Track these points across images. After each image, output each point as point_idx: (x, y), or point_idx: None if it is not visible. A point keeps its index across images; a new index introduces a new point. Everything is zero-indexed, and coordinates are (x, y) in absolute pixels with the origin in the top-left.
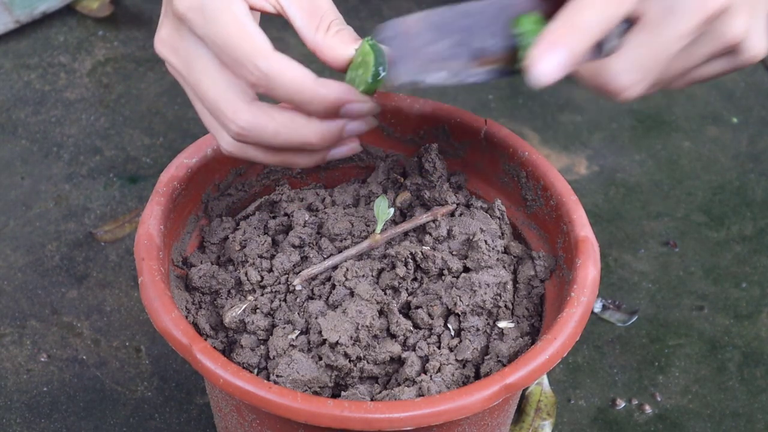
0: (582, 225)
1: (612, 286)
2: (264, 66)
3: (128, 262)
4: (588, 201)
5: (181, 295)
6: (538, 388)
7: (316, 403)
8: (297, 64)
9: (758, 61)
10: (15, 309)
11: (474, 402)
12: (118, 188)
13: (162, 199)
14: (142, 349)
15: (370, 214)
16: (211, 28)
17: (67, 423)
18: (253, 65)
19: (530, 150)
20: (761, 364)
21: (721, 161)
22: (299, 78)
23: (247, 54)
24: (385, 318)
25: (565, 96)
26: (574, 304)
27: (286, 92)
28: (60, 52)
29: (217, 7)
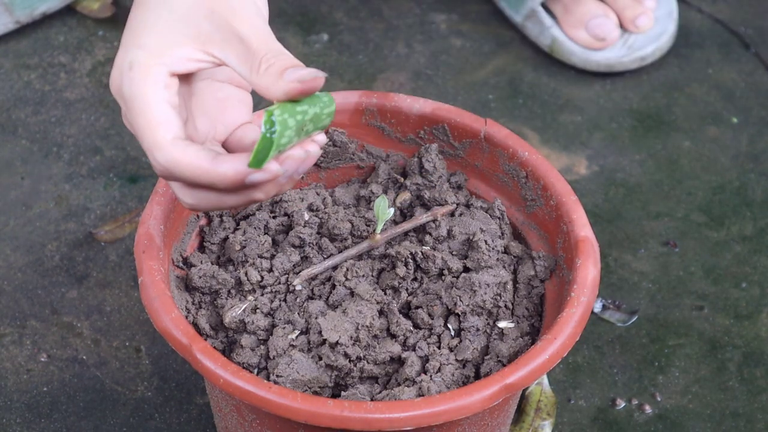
0: (582, 225)
1: (612, 286)
2: (161, 158)
3: (128, 262)
4: (588, 201)
5: (181, 295)
6: (538, 388)
7: (316, 403)
8: (194, 150)
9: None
10: (15, 309)
11: (474, 402)
12: (118, 188)
13: (162, 199)
14: (142, 349)
15: (370, 214)
16: (127, 113)
17: (67, 423)
18: (153, 157)
19: (530, 150)
20: (761, 364)
21: (721, 161)
22: (195, 164)
23: (149, 146)
24: (385, 318)
25: (565, 96)
26: (574, 304)
27: (189, 179)
28: (60, 52)
29: (132, 94)
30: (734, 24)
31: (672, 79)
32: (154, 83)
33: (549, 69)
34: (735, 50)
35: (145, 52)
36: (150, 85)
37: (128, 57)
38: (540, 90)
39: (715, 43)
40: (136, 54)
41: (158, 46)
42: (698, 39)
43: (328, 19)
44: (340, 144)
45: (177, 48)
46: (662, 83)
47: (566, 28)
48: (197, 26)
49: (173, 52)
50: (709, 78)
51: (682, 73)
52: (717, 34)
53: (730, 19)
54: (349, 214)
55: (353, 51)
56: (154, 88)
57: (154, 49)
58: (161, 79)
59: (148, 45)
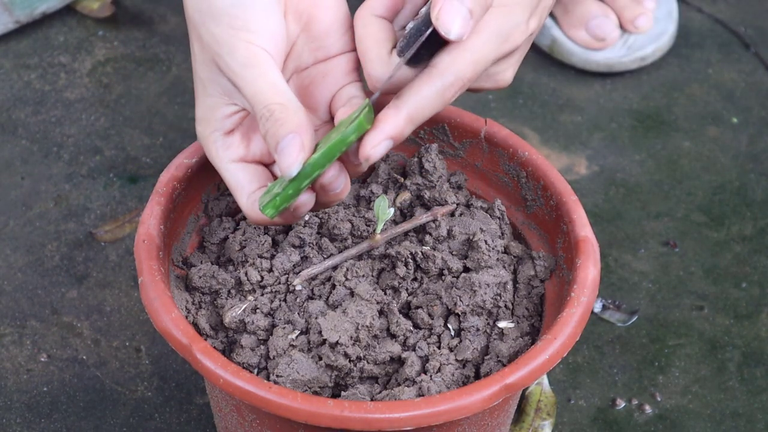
0: (582, 225)
1: (612, 286)
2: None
3: (128, 262)
4: (588, 201)
5: (181, 295)
6: (538, 388)
7: (316, 403)
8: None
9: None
10: (15, 309)
11: (474, 402)
12: (118, 188)
13: (162, 199)
14: (142, 349)
15: (370, 214)
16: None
17: (67, 423)
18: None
19: (530, 150)
20: (761, 364)
21: (721, 161)
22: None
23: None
24: (385, 318)
25: (565, 96)
26: (574, 304)
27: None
28: (60, 52)
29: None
30: (734, 24)
31: (672, 79)
32: (216, 153)
33: (549, 69)
34: (735, 50)
35: (201, 126)
36: (214, 156)
37: (198, 135)
38: (540, 90)
39: (715, 43)
40: (199, 131)
41: (204, 116)
42: (698, 39)
43: None
44: None
45: (215, 110)
46: (662, 83)
47: (566, 28)
48: (218, 84)
49: (215, 115)
50: (709, 78)
51: (682, 73)
52: (717, 34)
53: (730, 19)
54: (349, 214)
55: None
56: (219, 159)
57: (203, 121)
58: (219, 146)
59: (199, 117)
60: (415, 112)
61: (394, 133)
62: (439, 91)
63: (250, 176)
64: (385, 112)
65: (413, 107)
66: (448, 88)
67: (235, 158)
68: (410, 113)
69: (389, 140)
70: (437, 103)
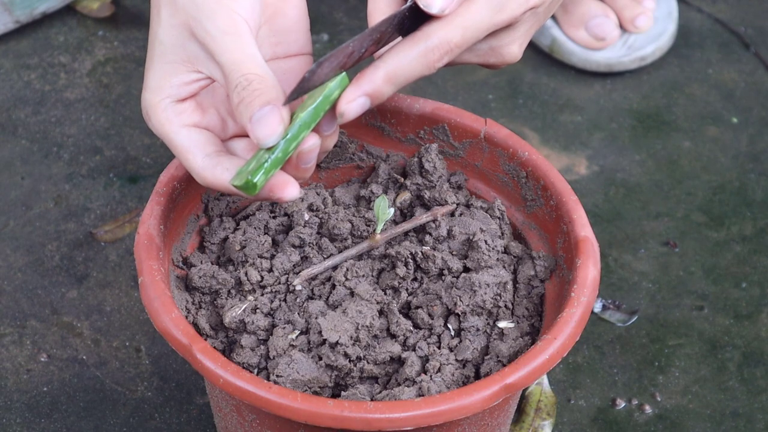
0: (582, 225)
1: (612, 286)
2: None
3: (128, 262)
4: (588, 201)
5: (181, 295)
6: (538, 388)
7: (316, 403)
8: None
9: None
10: (15, 309)
11: (474, 402)
12: (118, 188)
13: (162, 199)
14: (142, 349)
15: (370, 214)
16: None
17: (67, 423)
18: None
19: (530, 150)
20: (761, 364)
21: (721, 161)
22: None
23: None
24: (385, 318)
25: (565, 96)
26: (574, 304)
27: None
28: (60, 52)
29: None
30: (734, 24)
31: (672, 79)
32: (168, 118)
33: (549, 69)
34: (735, 50)
35: (150, 93)
36: (165, 121)
37: (144, 102)
38: (540, 90)
39: (715, 43)
40: (145, 97)
41: (157, 83)
42: (698, 39)
43: (328, 19)
44: (340, 144)
45: (172, 77)
46: (662, 83)
47: (566, 28)
48: (184, 49)
49: (170, 81)
50: (709, 78)
51: (682, 73)
52: (717, 34)
53: (730, 19)
54: (349, 214)
55: None
56: (169, 123)
57: (155, 87)
58: (171, 110)
59: (150, 85)
60: (395, 71)
61: (371, 90)
62: (422, 52)
63: (205, 138)
64: (364, 70)
65: (392, 66)
66: (432, 51)
67: (188, 123)
68: (389, 72)
69: (365, 97)
70: (419, 66)
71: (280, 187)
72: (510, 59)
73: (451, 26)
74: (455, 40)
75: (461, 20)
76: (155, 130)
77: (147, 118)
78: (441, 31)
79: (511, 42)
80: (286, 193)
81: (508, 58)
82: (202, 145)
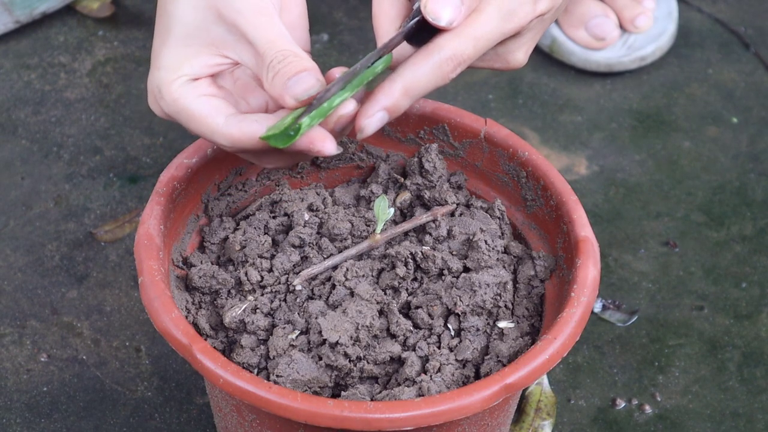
0: (582, 225)
1: (612, 286)
2: (224, 141)
3: (128, 262)
4: (588, 201)
5: (181, 295)
6: (538, 388)
7: (316, 403)
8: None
9: None
10: (15, 309)
11: (474, 402)
12: (118, 188)
13: (162, 199)
14: (142, 349)
15: (370, 214)
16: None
17: (67, 423)
18: (219, 143)
19: (530, 150)
20: (761, 364)
21: (721, 161)
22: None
23: (210, 137)
24: (385, 318)
25: (565, 96)
26: (574, 304)
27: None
28: (60, 52)
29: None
30: (734, 24)
31: (672, 79)
32: (184, 93)
33: (549, 69)
34: (735, 50)
35: (164, 72)
36: (181, 95)
37: (155, 81)
38: (540, 90)
39: (715, 43)
40: (159, 76)
41: (175, 63)
42: (698, 39)
43: (328, 19)
44: (340, 144)
45: (194, 59)
46: (662, 83)
47: (566, 28)
48: (209, 32)
49: (191, 63)
50: (709, 78)
51: (682, 73)
52: (717, 34)
53: (730, 19)
54: (349, 214)
55: (353, 51)
56: (186, 96)
57: (171, 67)
58: (187, 86)
59: (166, 65)
60: (411, 84)
61: (389, 104)
62: (436, 64)
63: (224, 103)
64: (381, 84)
65: (409, 80)
66: (446, 62)
67: (204, 93)
68: (405, 85)
69: (383, 112)
70: (434, 77)
71: (320, 139)
72: (515, 65)
73: (462, 38)
74: (468, 51)
75: (472, 31)
76: (167, 107)
77: (157, 96)
78: (453, 43)
79: (517, 49)
80: (326, 146)
81: (513, 64)
82: (222, 108)
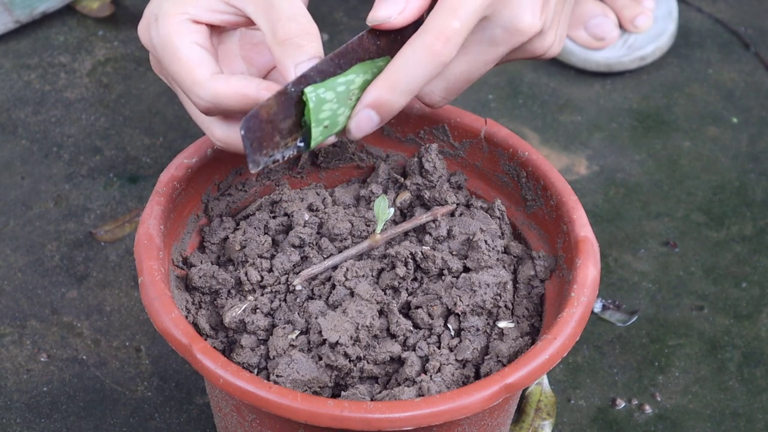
0: (582, 225)
1: (612, 286)
2: (204, 94)
3: (128, 262)
4: (588, 201)
5: (181, 295)
6: (538, 388)
7: (316, 403)
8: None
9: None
10: (15, 309)
11: (474, 402)
12: (118, 188)
13: (162, 199)
14: (142, 349)
15: (370, 214)
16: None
17: (67, 423)
18: (196, 95)
19: (530, 150)
20: (761, 364)
21: (721, 161)
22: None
23: (189, 86)
24: (385, 318)
25: (565, 96)
26: (574, 304)
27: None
28: (60, 52)
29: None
30: (734, 24)
31: (672, 79)
32: (180, 30)
33: (549, 69)
34: (735, 50)
35: (169, 3)
36: (176, 32)
37: (154, 8)
38: (540, 90)
39: (715, 43)
40: (161, 5)
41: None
42: (698, 39)
43: (328, 19)
44: (340, 144)
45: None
46: (662, 83)
47: None
48: None
49: (196, 2)
50: (709, 78)
51: (682, 73)
52: (717, 34)
53: (730, 19)
54: (349, 214)
55: None
56: (180, 35)
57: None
58: (185, 26)
59: None
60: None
61: (373, 100)
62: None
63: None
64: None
65: (392, 72)
66: (433, 41)
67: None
68: (390, 79)
69: (368, 109)
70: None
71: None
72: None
73: (439, 13)
74: (451, 23)
75: (448, 3)
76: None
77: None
78: (432, 22)
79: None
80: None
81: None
82: (211, 65)
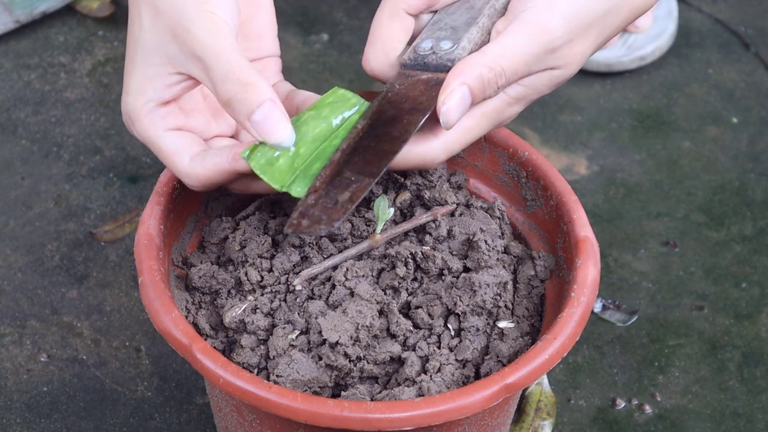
0: (582, 225)
1: (612, 286)
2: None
3: (128, 262)
4: (588, 201)
5: (181, 295)
6: (538, 388)
7: (316, 403)
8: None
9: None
10: (15, 309)
11: (474, 402)
12: (118, 188)
13: (162, 199)
14: (142, 349)
15: (370, 214)
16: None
17: (67, 423)
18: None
19: (530, 150)
20: (761, 364)
21: (721, 161)
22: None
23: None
24: (385, 318)
25: (565, 96)
26: (574, 304)
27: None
28: (60, 52)
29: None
30: (734, 24)
31: (672, 79)
32: (152, 122)
33: None
34: (735, 50)
35: (132, 97)
36: (150, 126)
37: (126, 107)
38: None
39: (715, 43)
40: (127, 101)
41: (139, 87)
42: (698, 39)
43: (328, 19)
44: None
45: (155, 80)
46: (662, 83)
47: None
48: (166, 51)
49: (153, 84)
50: (709, 78)
51: (682, 73)
52: (717, 34)
53: (730, 19)
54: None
55: (353, 51)
56: (154, 127)
57: (137, 91)
58: (155, 115)
59: (132, 89)
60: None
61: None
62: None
63: (190, 140)
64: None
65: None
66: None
67: (172, 127)
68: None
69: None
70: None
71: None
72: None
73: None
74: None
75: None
76: (139, 135)
77: (130, 122)
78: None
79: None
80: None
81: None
82: (188, 146)
